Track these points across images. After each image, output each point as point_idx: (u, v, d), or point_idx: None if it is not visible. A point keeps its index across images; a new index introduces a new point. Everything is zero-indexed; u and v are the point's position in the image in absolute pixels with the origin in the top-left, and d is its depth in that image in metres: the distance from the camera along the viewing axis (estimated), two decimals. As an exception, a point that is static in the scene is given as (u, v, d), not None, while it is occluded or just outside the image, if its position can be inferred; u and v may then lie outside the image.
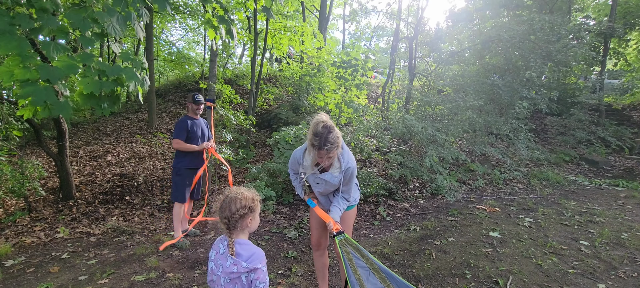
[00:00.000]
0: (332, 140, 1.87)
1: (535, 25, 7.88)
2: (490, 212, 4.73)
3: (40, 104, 2.08)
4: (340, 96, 6.66)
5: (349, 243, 1.81)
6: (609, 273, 2.95)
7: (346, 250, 1.78)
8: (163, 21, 14.40)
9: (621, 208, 4.94)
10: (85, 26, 2.21)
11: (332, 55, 9.16)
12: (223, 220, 1.45)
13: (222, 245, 1.46)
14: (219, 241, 1.50)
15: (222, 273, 1.40)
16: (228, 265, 1.40)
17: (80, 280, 3.01)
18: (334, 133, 1.89)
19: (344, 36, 20.26)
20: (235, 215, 1.43)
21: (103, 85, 2.23)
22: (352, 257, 1.74)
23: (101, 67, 2.27)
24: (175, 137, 3.56)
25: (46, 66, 2.09)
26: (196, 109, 3.71)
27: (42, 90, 2.06)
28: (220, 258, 1.43)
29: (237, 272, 1.38)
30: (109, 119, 10.69)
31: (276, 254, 3.46)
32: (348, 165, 2.01)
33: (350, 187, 2.12)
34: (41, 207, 5.07)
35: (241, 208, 1.44)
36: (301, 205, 5.10)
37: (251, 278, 1.41)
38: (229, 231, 1.45)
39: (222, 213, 1.45)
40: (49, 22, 2.14)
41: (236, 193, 1.47)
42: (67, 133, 5.36)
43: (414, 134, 5.94)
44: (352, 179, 2.09)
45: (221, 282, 1.42)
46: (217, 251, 1.46)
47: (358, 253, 1.76)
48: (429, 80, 9.82)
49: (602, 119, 9.33)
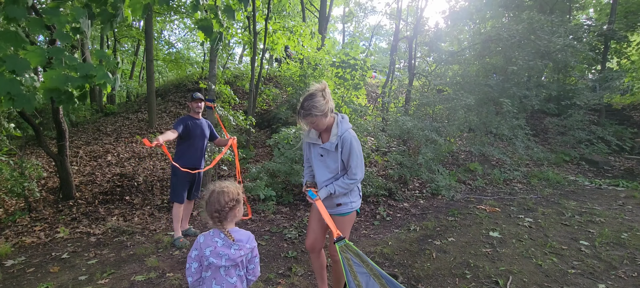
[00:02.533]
0: (307, 107, 1.96)
1: (535, 25, 7.89)
2: (490, 212, 4.73)
3: (3, 95, 2.05)
4: (339, 96, 6.66)
5: (349, 249, 1.81)
6: (609, 273, 2.95)
7: (346, 256, 1.78)
8: (163, 21, 14.41)
9: (621, 208, 4.94)
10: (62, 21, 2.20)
11: (332, 55, 9.16)
12: (214, 214, 1.53)
13: (218, 238, 1.54)
14: (210, 237, 1.56)
15: (227, 262, 1.51)
16: (233, 251, 1.52)
17: (80, 280, 3.01)
18: (313, 100, 1.97)
19: (344, 36, 20.29)
20: (226, 207, 1.53)
21: (69, 79, 2.20)
22: (352, 263, 1.75)
23: (71, 62, 2.24)
24: (172, 127, 3.54)
25: (13, 56, 2.05)
26: (195, 106, 3.71)
27: (6, 80, 2.03)
28: (221, 249, 1.51)
29: (243, 254, 1.53)
30: (109, 119, 10.69)
31: (276, 254, 3.46)
32: (344, 133, 2.05)
33: (355, 164, 2.07)
34: (41, 207, 5.07)
35: (230, 201, 1.54)
36: (301, 205, 5.10)
37: (249, 257, 1.61)
38: (221, 223, 1.55)
39: (211, 207, 1.54)
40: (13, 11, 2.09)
41: (222, 188, 1.56)
42: (67, 133, 5.36)
43: (412, 134, 5.95)
44: (353, 154, 2.05)
45: (220, 273, 1.52)
46: (215, 245, 1.52)
47: (358, 259, 1.76)
48: (428, 80, 9.82)
49: (602, 118, 9.34)
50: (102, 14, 2.44)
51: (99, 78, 2.28)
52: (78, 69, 2.22)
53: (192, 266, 1.57)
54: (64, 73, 2.17)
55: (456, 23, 12.30)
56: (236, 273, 1.57)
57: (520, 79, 7.70)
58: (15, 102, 2.09)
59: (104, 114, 11.28)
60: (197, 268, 1.57)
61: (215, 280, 1.54)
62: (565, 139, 8.69)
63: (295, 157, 5.32)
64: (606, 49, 10.42)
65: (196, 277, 1.57)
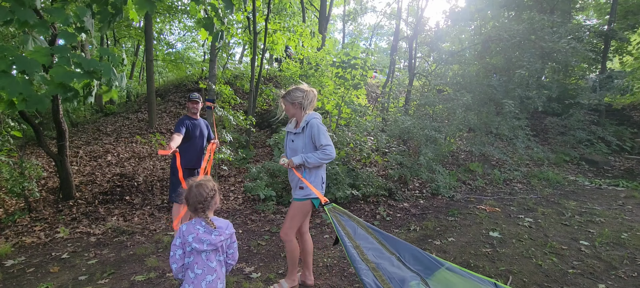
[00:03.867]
0: (287, 93, 2.53)
1: (536, 25, 7.88)
2: (490, 212, 4.73)
3: (16, 96, 2.04)
4: (339, 96, 6.66)
5: (337, 210, 2.10)
6: (609, 273, 2.95)
7: (335, 215, 2.05)
8: (163, 21, 14.40)
9: (621, 208, 4.94)
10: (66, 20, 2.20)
11: (332, 55, 9.16)
12: (198, 206, 1.70)
13: (199, 226, 1.69)
14: (192, 225, 1.70)
15: (208, 246, 1.67)
16: (213, 237, 1.68)
17: (80, 280, 3.01)
18: (294, 91, 2.51)
19: (344, 36, 20.25)
20: (208, 198, 1.71)
21: (74, 75, 2.20)
22: (340, 219, 2.03)
23: (77, 59, 2.25)
24: (175, 131, 3.53)
25: (22, 57, 2.06)
26: (193, 107, 3.71)
27: (18, 82, 2.03)
28: (203, 235, 1.67)
29: (223, 239, 1.71)
30: (109, 119, 10.68)
31: (276, 254, 3.46)
32: (310, 119, 2.46)
33: (325, 141, 2.38)
34: (41, 207, 5.07)
35: (210, 191, 1.73)
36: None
37: (228, 243, 1.78)
38: (205, 212, 1.71)
39: (195, 200, 1.70)
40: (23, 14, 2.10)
41: (200, 182, 1.75)
42: (67, 133, 5.36)
43: (412, 134, 5.95)
44: (320, 133, 2.39)
45: (202, 258, 1.68)
46: (196, 232, 1.67)
47: (346, 216, 2.05)
48: (428, 80, 9.81)
49: (602, 118, 9.33)
50: (102, 13, 2.45)
51: (104, 74, 2.28)
52: (83, 64, 2.23)
53: (176, 253, 1.69)
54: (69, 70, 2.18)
55: (457, 23, 12.28)
56: (216, 258, 1.73)
57: (522, 80, 7.69)
58: (29, 103, 2.10)
59: (104, 114, 11.28)
60: (180, 255, 1.69)
61: (197, 265, 1.68)
62: (566, 138, 8.68)
63: (295, 157, 5.31)
64: (606, 49, 10.42)
65: (180, 264, 1.70)
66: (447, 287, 1.69)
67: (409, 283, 1.72)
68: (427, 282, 1.72)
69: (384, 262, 1.82)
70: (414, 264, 1.82)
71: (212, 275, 1.70)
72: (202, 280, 1.69)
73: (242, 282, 2.86)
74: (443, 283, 1.71)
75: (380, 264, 1.81)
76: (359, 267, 1.79)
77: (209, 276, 1.70)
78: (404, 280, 1.73)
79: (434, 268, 1.80)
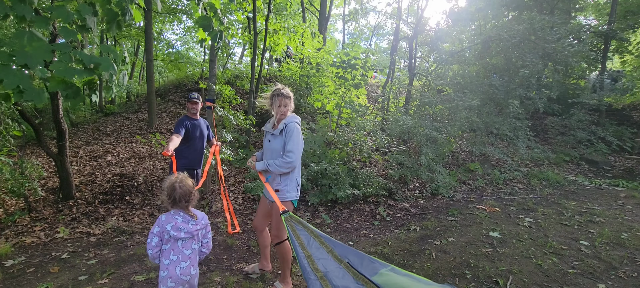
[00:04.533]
0: (281, 89, 2.58)
1: (536, 25, 7.88)
2: (490, 212, 4.73)
3: (13, 88, 2.04)
4: (339, 96, 6.65)
5: (293, 219, 2.17)
6: (609, 273, 2.95)
7: (291, 225, 2.13)
8: (163, 21, 14.40)
9: (621, 208, 4.94)
10: (67, 17, 2.19)
11: (332, 55, 9.15)
12: (182, 199, 1.88)
13: (178, 216, 1.89)
14: (170, 216, 1.89)
15: (185, 234, 1.86)
16: (190, 226, 1.88)
17: (80, 280, 3.01)
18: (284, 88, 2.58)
19: (344, 36, 20.24)
20: (188, 193, 1.90)
21: (76, 71, 2.19)
22: (295, 229, 2.12)
23: (78, 56, 2.24)
24: (174, 132, 3.51)
25: (22, 51, 2.05)
26: (192, 107, 3.70)
27: (15, 73, 2.02)
28: (181, 224, 1.86)
29: (199, 228, 1.92)
30: (109, 119, 10.68)
31: (276, 254, 3.46)
32: (289, 122, 2.50)
33: (291, 147, 2.43)
34: (41, 207, 5.07)
35: (192, 187, 1.93)
36: (301, 205, 5.10)
37: (204, 232, 1.98)
38: (187, 204, 1.91)
39: (177, 195, 1.87)
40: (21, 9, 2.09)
41: (180, 179, 1.92)
42: (67, 133, 5.36)
43: (412, 134, 5.95)
44: (292, 138, 2.43)
45: (178, 245, 1.87)
46: (175, 222, 1.86)
47: (301, 226, 2.13)
48: (429, 80, 9.81)
49: (602, 118, 9.33)
50: (107, 12, 2.43)
51: (104, 67, 2.27)
52: (84, 60, 2.23)
53: (153, 241, 1.87)
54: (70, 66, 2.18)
55: (457, 23, 12.27)
56: (191, 246, 1.91)
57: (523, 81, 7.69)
58: (25, 96, 2.07)
59: (104, 114, 11.28)
60: (157, 242, 1.88)
61: (173, 251, 1.86)
62: (566, 138, 8.68)
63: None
64: (606, 48, 10.42)
65: (156, 250, 1.88)
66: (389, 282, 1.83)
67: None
68: (373, 280, 1.83)
69: (332, 271, 1.93)
70: (360, 267, 1.93)
71: (186, 262, 1.87)
72: (177, 266, 1.84)
73: (241, 282, 2.86)
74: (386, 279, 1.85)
75: (328, 273, 1.92)
76: (309, 277, 1.92)
77: (183, 262, 1.86)
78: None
79: (377, 271, 1.92)
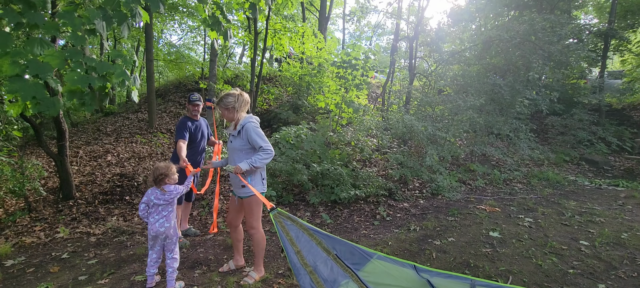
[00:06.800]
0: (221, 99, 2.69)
1: (536, 26, 7.87)
2: (490, 212, 4.72)
3: (29, 100, 2.05)
4: (340, 96, 6.66)
5: (281, 215, 2.18)
6: (609, 273, 2.94)
7: (279, 221, 2.14)
8: (163, 21, 14.39)
9: (621, 208, 4.94)
10: (76, 24, 2.20)
11: (332, 55, 9.16)
12: (156, 179, 2.63)
13: (157, 191, 2.65)
14: (152, 190, 2.66)
15: (163, 202, 2.64)
16: (165, 196, 2.65)
17: (80, 280, 3.01)
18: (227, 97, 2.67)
19: (344, 36, 20.28)
20: (164, 174, 2.63)
21: (90, 80, 2.20)
22: (284, 225, 2.13)
23: (89, 63, 2.25)
24: (179, 137, 3.45)
25: (35, 61, 2.06)
26: (194, 109, 3.69)
27: (31, 85, 2.04)
28: (159, 196, 2.65)
29: (170, 197, 2.67)
30: (109, 119, 10.69)
31: (276, 254, 3.46)
32: (245, 123, 2.64)
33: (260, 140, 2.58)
34: (41, 207, 5.07)
35: (164, 169, 2.65)
36: (301, 205, 5.10)
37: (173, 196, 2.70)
38: (160, 182, 2.64)
39: (153, 177, 2.64)
40: (34, 17, 2.09)
41: (154, 167, 2.67)
42: (67, 133, 5.36)
43: (414, 134, 5.94)
44: (254, 134, 2.58)
45: (158, 209, 2.65)
46: (155, 194, 2.65)
47: (290, 221, 2.15)
48: (429, 80, 9.81)
49: (602, 118, 9.33)
50: (117, 15, 2.43)
51: (117, 75, 2.30)
52: (97, 68, 2.25)
53: (140, 207, 2.68)
54: (84, 74, 2.20)
55: (457, 23, 12.26)
56: (167, 209, 2.68)
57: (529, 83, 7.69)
58: (41, 106, 2.11)
59: (104, 114, 11.28)
60: (144, 208, 2.67)
61: (155, 213, 2.66)
62: (566, 138, 8.67)
63: (296, 156, 5.32)
64: (606, 48, 10.41)
65: (144, 213, 2.68)
66: (376, 273, 1.88)
67: (339, 284, 1.90)
68: (358, 275, 1.88)
69: (320, 264, 1.98)
70: (349, 258, 1.97)
71: (162, 219, 2.66)
72: (156, 222, 2.64)
73: (241, 282, 2.85)
74: (373, 271, 1.89)
75: (317, 267, 1.97)
76: (298, 272, 1.98)
77: (161, 220, 2.66)
78: (335, 282, 1.91)
79: (366, 260, 1.95)
